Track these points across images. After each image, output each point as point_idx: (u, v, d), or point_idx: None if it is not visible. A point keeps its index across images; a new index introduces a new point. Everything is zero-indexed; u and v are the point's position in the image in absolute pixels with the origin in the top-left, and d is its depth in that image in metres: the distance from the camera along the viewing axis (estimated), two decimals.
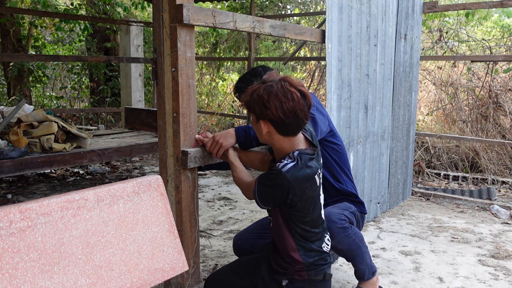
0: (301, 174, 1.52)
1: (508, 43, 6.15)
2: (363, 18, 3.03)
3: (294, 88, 1.53)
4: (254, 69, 2.24)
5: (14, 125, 3.30)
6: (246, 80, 2.18)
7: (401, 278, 2.50)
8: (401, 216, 3.62)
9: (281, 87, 1.52)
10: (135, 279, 1.31)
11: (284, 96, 1.50)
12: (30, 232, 1.13)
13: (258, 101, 1.54)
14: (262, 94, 1.53)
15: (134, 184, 1.40)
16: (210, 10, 1.92)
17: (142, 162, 5.78)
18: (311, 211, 1.60)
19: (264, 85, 1.55)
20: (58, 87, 9.43)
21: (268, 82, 1.56)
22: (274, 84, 1.54)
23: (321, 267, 1.65)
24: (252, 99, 1.56)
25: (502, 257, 2.79)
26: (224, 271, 1.89)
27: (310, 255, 1.63)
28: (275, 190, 1.54)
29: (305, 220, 1.61)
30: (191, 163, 1.91)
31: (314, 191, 1.58)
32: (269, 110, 1.52)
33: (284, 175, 1.50)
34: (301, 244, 1.63)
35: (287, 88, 1.52)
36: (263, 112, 1.54)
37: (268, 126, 1.56)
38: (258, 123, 1.59)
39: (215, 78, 9.01)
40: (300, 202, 1.55)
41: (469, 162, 5.11)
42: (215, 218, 3.53)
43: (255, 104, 1.55)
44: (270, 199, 1.58)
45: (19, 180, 4.66)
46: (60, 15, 6.31)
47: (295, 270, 1.65)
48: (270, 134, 1.59)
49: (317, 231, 1.64)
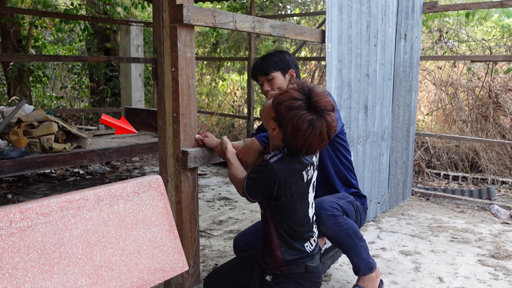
0: (287, 167, 1.54)
1: (508, 43, 6.15)
2: (363, 18, 3.03)
3: (330, 131, 1.51)
4: (283, 55, 2.20)
5: (14, 125, 3.30)
6: (272, 64, 2.16)
7: (401, 278, 2.50)
8: (401, 216, 3.62)
9: (319, 132, 1.49)
10: (135, 279, 1.31)
11: (319, 140, 1.50)
12: (30, 232, 1.13)
13: (294, 125, 1.48)
14: (302, 124, 1.47)
15: (134, 184, 1.40)
16: (210, 10, 1.92)
17: (142, 162, 5.78)
18: (298, 208, 1.62)
19: (310, 115, 1.48)
20: (58, 87, 9.43)
21: (315, 111, 1.49)
22: (318, 121, 1.49)
23: (300, 261, 1.67)
24: (289, 116, 1.49)
25: (502, 257, 2.79)
26: (224, 267, 1.90)
27: (290, 253, 1.65)
28: (261, 181, 1.56)
29: (293, 218, 1.62)
30: (191, 163, 1.91)
31: (301, 187, 1.59)
32: (294, 139, 1.50)
33: (271, 166, 1.52)
34: (284, 240, 1.65)
35: (324, 132, 1.49)
36: (288, 134, 1.51)
37: (279, 134, 1.56)
38: (268, 121, 1.58)
39: (215, 78, 9.00)
40: (285, 195, 1.56)
41: (469, 162, 5.11)
42: (215, 218, 3.53)
43: (289, 125, 1.49)
44: (258, 191, 1.60)
45: (19, 180, 4.66)
46: (60, 15, 6.31)
47: (276, 266, 1.68)
48: (274, 134, 1.60)
49: (302, 230, 1.66)
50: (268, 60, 2.17)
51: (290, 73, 2.19)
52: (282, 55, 2.20)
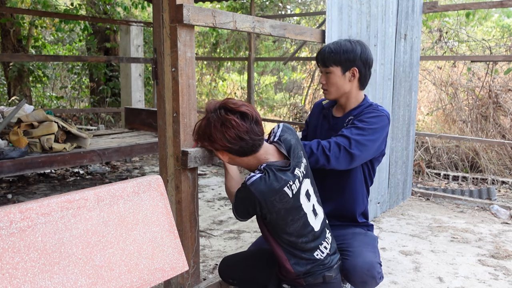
0: (265, 187, 1.48)
1: (508, 43, 6.15)
2: (363, 18, 3.03)
3: (232, 114, 1.53)
4: (354, 47, 1.91)
5: (14, 125, 3.30)
6: (334, 56, 1.90)
7: (401, 278, 2.50)
8: (401, 216, 3.62)
9: (218, 118, 1.54)
10: (135, 279, 1.31)
11: (223, 125, 1.53)
12: (30, 232, 1.13)
13: (204, 136, 1.60)
14: (205, 130, 1.58)
15: (134, 184, 1.40)
16: (210, 10, 1.92)
17: (142, 162, 5.78)
18: (290, 222, 1.56)
19: (205, 118, 1.59)
20: (58, 87, 9.43)
21: (208, 114, 1.59)
22: (211, 115, 1.57)
23: (317, 272, 1.64)
24: (199, 136, 1.63)
25: (502, 257, 2.79)
26: (243, 257, 1.91)
27: (301, 264, 1.62)
28: (245, 203, 1.55)
29: (288, 231, 1.58)
30: (191, 163, 1.91)
31: (287, 203, 1.53)
32: (215, 143, 1.57)
33: (249, 188, 1.50)
34: (290, 253, 1.62)
35: (224, 117, 1.53)
36: (213, 145, 1.60)
37: (225, 154, 1.61)
38: (217, 154, 1.65)
39: (215, 78, 9.01)
40: (271, 214, 1.53)
41: (469, 162, 5.11)
42: (215, 218, 3.53)
43: (203, 140, 1.62)
44: (245, 212, 1.59)
45: (19, 180, 4.66)
46: (60, 15, 6.31)
47: (292, 278, 1.66)
48: (232, 159, 1.63)
49: (304, 240, 1.61)
50: (333, 51, 1.90)
51: (352, 72, 1.91)
52: (353, 47, 1.89)
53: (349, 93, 1.96)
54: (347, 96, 1.97)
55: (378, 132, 1.88)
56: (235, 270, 1.88)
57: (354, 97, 1.97)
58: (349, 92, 1.95)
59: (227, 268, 1.90)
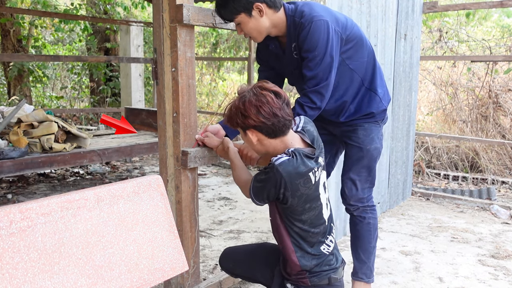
0: (294, 169, 1.53)
1: (508, 43, 6.15)
2: (363, 18, 3.03)
3: (266, 91, 1.57)
4: None
5: (14, 125, 3.30)
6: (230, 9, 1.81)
7: (401, 278, 2.50)
8: (401, 216, 3.62)
9: (253, 94, 1.57)
10: (135, 279, 1.31)
11: (259, 100, 1.55)
12: (30, 232, 1.13)
13: (237, 113, 1.59)
14: (238, 105, 1.59)
15: (134, 184, 1.40)
16: (210, 10, 1.92)
17: (142, 162, 5.78)
18: (307, 209, 1.60)
19: (238, 97, 1.61)
20: (58, 87, 9.43)
21: (241, 93, 1.61)
22: (246, 93, 1.59)
23: (323, 273, 1.64)
24: (232, 114, 1.62)
25: (502, 257, 2.79)
26: (243, 252, 1.90)
27: (307, 258, 1.62)
28: (268, 184, 1.56)
29: (302, 219, 1.60)
30: (191, 163, 1.91)
31: (309, 189, 1.58)
32: (249, 118, 1.56)
33: (277, 168, 1.51)
34: (298, 245, 1.62)
35: (259, 93, 1.57)
36: (245, 122, 1.59)
37: (256, 133, 1.60)
38: (246, 135, 1.63)
39: (215, 78, 9.01)
40: (293, 198, 1.55)
41: (469, 162, 5.11)
42: (215, 218, 3.53)
43: (236, 117, 1.61)
44: (264, 194, 1.59)
45: (19, 180, 4.66)
46: (60, 15, 6.31)
47: (298, 277, 1.65)
48: (260, 141, 1.62)
49: (316, 231, 1.63)
50: (226, 6, 1.80)
51: (257, 8, 1.79)
52: None
53: (271, 22, 1.86)
54: (273, 25, 1.87)
55: (326, 47, 1.82)
56: (235, 266, 1.87)
57: (277, 21, 1.87)
58: (271, 21, 1.85)
59: (227, 262, 1.89)
